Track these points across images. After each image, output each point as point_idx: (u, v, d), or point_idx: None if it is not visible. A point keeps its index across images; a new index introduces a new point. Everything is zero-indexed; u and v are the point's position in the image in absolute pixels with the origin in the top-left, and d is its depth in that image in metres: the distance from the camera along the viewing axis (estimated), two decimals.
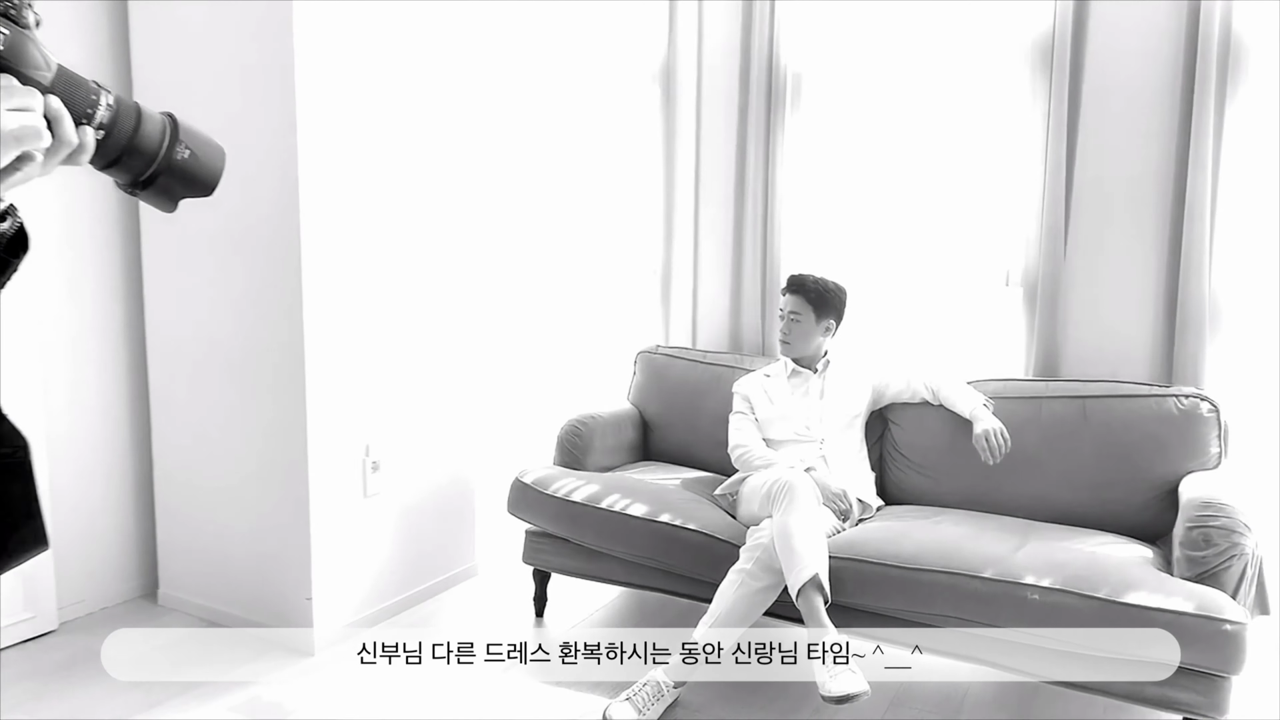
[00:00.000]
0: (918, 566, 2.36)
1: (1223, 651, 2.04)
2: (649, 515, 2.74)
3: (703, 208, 3.59)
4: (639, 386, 3.51)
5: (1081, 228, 2.95)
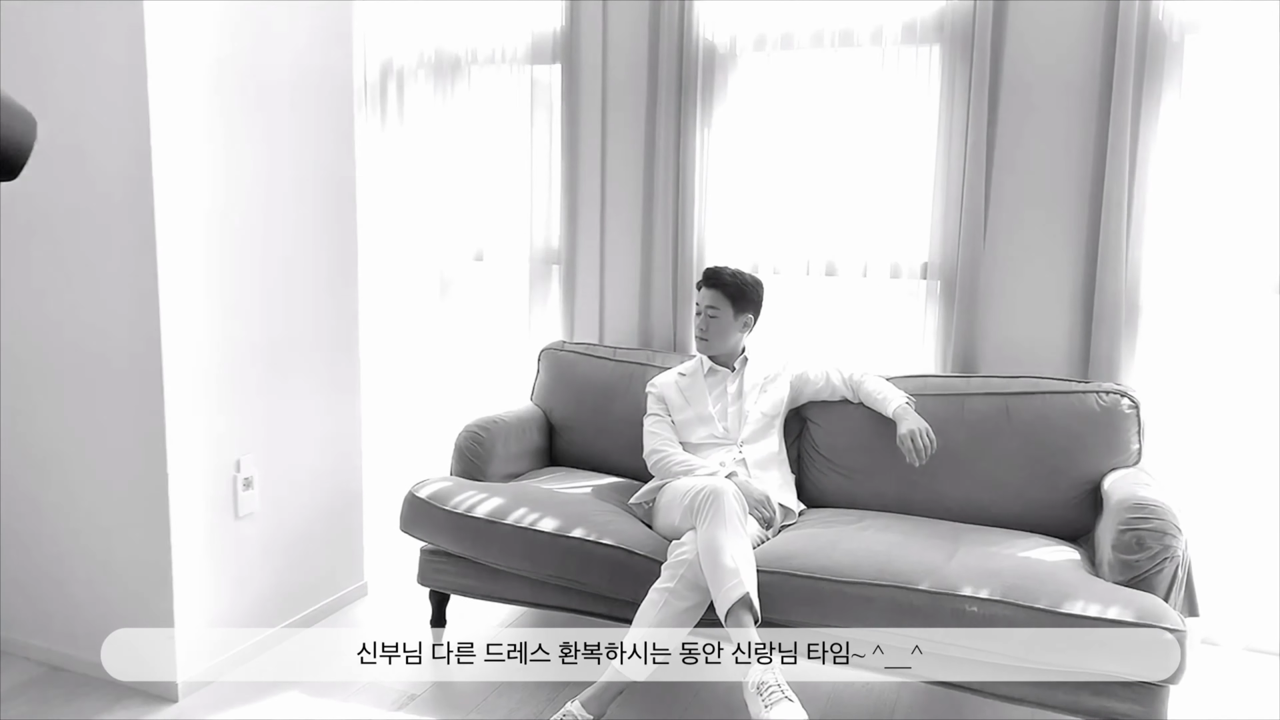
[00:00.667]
0: (852, 579, 2.23)
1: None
2: (560, 530, 2.51)
3: (610, 195, 3.37)
4: (543, 386, 3.27)
5: (1001, 220, 2.88)
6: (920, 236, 3.00)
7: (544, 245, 3.49)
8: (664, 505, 2.57)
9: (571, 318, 3.46)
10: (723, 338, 2.80)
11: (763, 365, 2.87)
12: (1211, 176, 2.66)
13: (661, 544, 2.47)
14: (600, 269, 3.41)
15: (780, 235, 3.16)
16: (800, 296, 3.17)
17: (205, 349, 2.46)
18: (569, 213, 3.41)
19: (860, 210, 3.04)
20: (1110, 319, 2.74)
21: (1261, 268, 2.64)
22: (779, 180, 3.14)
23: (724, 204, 3.23)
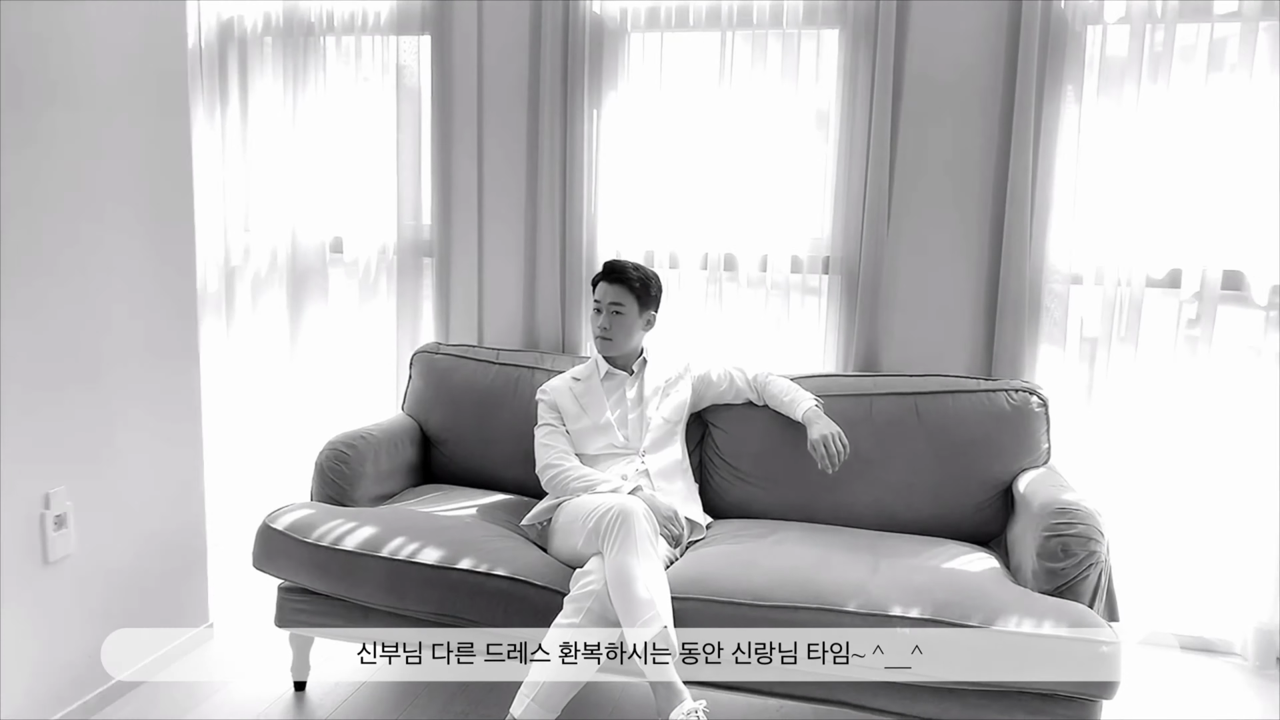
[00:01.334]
0: (775, 602, 2.04)
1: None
2: (445, 562, 2.21)
3: (488, 180, 3.07)
4: (417, 394, 2.93)
5: (904, 212, 2.77)
6: (822, 229, 2.85)
7: (413, 235, 3.14)
8: (562, 527, 2.31)
9: (447, 316, 3.14)
10: (627, 337, 2.56)
11: (663, 367, 2.65)
12: (1115, 169, 2.62)
13: (562, 571, 2.21)
14: (478, 262, 3.10)
15: (677, 226, 2.94)
16: (698, 291, 2.96)
17: (3, 364, 2.01)
18: (441, 199, 3.08)
19: (760, 201, 2.86)
20: (1014, 315, 2.68)
21: (1161, 261, 2.63)
22: (675, 168, 2.93)
23: (616, 192, 2.98)
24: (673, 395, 2.62)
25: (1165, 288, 2.65)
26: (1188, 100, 2.56)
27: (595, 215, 2.98)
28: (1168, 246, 2.62)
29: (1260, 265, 2.56)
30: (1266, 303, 2.57)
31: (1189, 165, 2.57)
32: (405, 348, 3.13)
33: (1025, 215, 2.64)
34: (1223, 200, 2.56)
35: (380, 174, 3.16)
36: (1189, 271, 2.61)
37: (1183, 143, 2.57)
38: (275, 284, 3.30)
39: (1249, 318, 2.62)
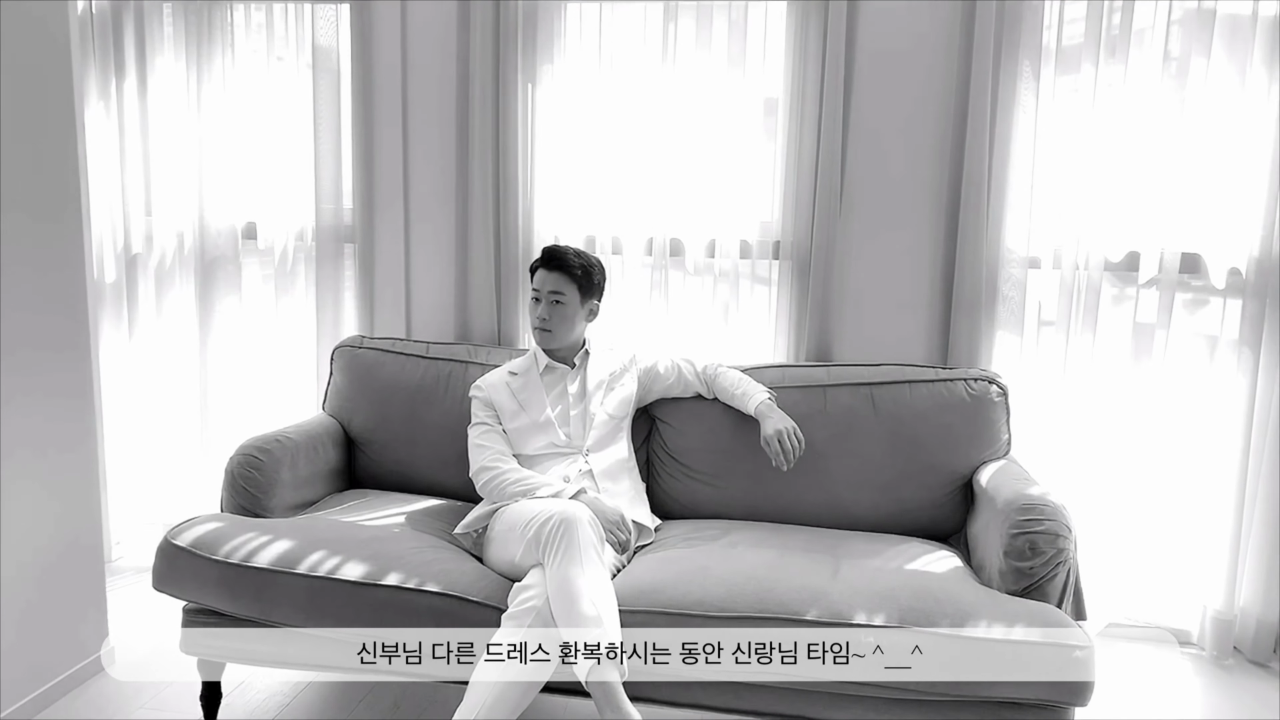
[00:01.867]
0: (732, 613, 1.89)
1: (1072, 682, 1.79)
2: (369, 578, 2.01)
3: (415, 159, 2.85)
4: (339, 392, 2.70)
5: (857, 195, 2.65)
6: (771, 213, 2.71)
7: (333, 219, 2.90)
8: (499, 535, 2.12)
9: (371, 307, 2.91)
10: (568, 328, 2.38)
11: (606, 359, 2.48)
12: (1074, 148, 2.53)
13: (500, 584, 2.03)
14: (405, 248, 2.88)
15: (620, 209, 2.76)
16: (643, 278, 2.79)
17: None
18: (363, 180, 2.85)
19: (707, 183, 2.70)
20: (971, 301, 2.58)
21: (1119, 244, 2.55)
22: (617, 147, 2.75)
23: (555, 173, 2.79)
24: (617, 389, 2.45)
25: (1123, 271, 2.57)
26: (1146, 79, 2.47)
27: (532, 197, 2.79)
28: (1125, 229, 2.54)
29: (1218, 248, 2.49)
30: (1225, 285, 2.50)
31: (1148, 145, 2.49)
32: (327, 342, 2.90)
33: (982, 197, 2.53)
34: (1181, 182, 2.48)
35: (296, 152, 2.91)
36: (1147, 254, 2.53)
37: (1142, 122, 2.49)
38: (182, 273, 3.03)
39: (1207, 301, 2.56)
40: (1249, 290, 2.47)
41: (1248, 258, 2.47)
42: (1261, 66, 2.41)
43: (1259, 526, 2.52)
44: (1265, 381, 2.48)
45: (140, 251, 3.04)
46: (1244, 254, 2.48)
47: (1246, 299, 2.48)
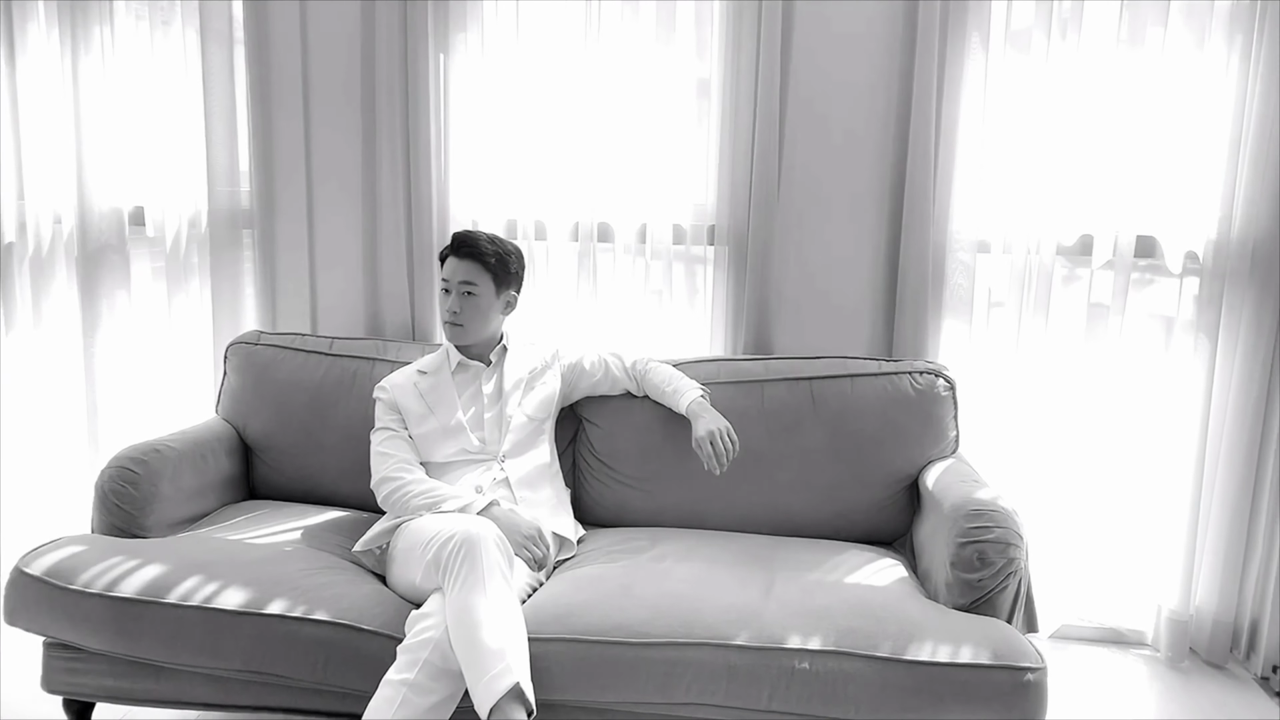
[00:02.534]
0: (654, 639, 1.71)
1: (1024, 706, 1.64)
2: (250, 606, 1.79)
3: (317, 137, 2.60)
4: (234, 394, 2.46)
5: (796, 175, 2.46)
6: (706, 194, 2.51)
7: (229, 203, 2.65)
8: (401, 554, 1.92)
9: (273, 300, 2.67)
10: (482, 322, 2.16)
11: (526, 356, 2.27)
12: (1024, 125, 2.37)
13: (400, 609, 1.83)
14: (309, 234, 2.64)
15: (543, 192, 2.55)
16: (568, 266, 2.58)
17: None
18: (261, 161, 2.60)
19: (638, 162, 2.50)
20: (916, 287, 2.41)
21: (1072, 227, 2.40)
22: (540, 124, 2.53)
23: (471, 151, 2.56)
24: (538, 389, 2.25)
25: (1076, 255, 2.43)
26: (1100, 52, 2.32)
27: (447, 178, 2.56)
28: (1079, 211, 2.39)
29: (1174, 230, 2.35)
30: (1181, 269, 2.37)
31: (1102, 123, 2.34)
32: (224, 338, 2.65)
33: (929, 179, 2.36)
34: (1136, 162, 2.33)
35: (186, 130, 2.65)
36: (1101, 238, 2.38)
37: (1095, 98, 2.34)
38: (61, 263, 2.75)
39: (1163, 286, 2.43)
40: (1206, 274, 2.34)
41: (1204, 240, 2.34)
42: (1220, 37, 2.27)
43: (1216, 522, 2.41)
44: (1222, 369, 2.36)
45: (13, 241, 2.76)
46: (1201, 237, 2.34)
47: (1203, 283, 2.35)
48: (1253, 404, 2.33)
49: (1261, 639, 2.39)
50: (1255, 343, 2.32)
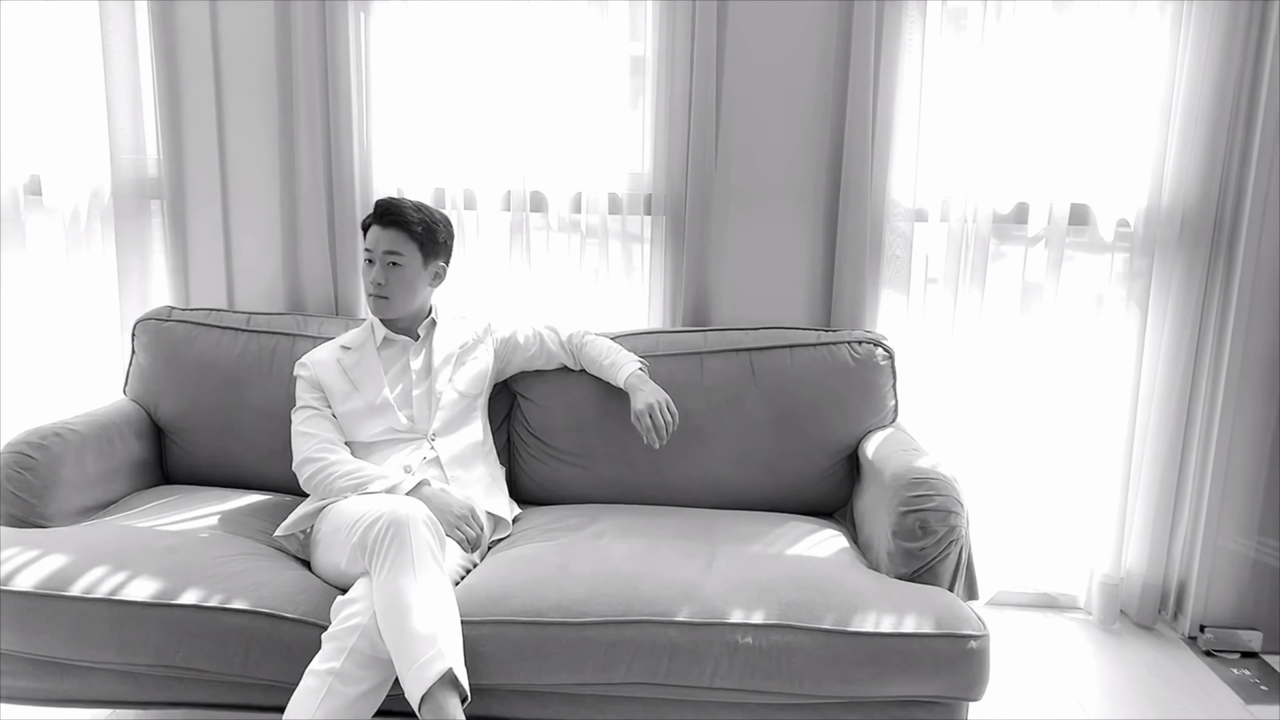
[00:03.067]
0: (591, 618, 1.65)
1: (967, 674, 1.63)
2: (162, 597, 1.68)
3: (229, 101, 2.45)
4: (143, 373, 2.32)
5: (733, 142, 2.41)
6: (642, 163, 2.44)
7: (134, 172, 2.48)
8: (325, 538, 1.82)
9: (185, 274, 2.52)
10: (408, 294, 2.06)
11: (456, 330, 2.18)
12: (962, 92, 2.35)
13: (325, 595, 1.74)
14: (223, 204, 2.49)
15: (472, 158, 2.44)
16: (500, 236, 2.49)
17: None
18: (170, 126, 2.44)
19: (572, 129, 2.41)
20: (855, 256, 2.38)
21: (1008, 195, 2.40)
22: (469, 87, 2.42)
23: (395, 116, 2.44)
24: (469, 364, 2.16)
25: (1011, 223, 2.42)
26: (1033, 21, 2.31)
27: (369, 144, 2.44)
28: (1014, 179, 2.38)
29: (1107, 198, 2.37)
30: (1113, 238, 2.39)
31: (1037, 86, 2.34)
32: (133, 315, 2.50)
33: (867, 147, 2.33)
34: (1071, 127, 2.34)
35: (86, 94, 2.47)
36: (1036, 206, 2.38)
37: (1030, 61, 2.33)
38: None
39: (1095, 255, 2.44)
40: (1137, 242, 2.36)
41: (1136, 208, 2.36)
42: (1152, 1, 2.28)
43: (1145, 487, 2.45)
44: (1152, 337, 2.39)
45: None
46: (1132, 204, 2.36)
47: (1133, 251, 2.37)
48: (1180, 370, 2.37)
49: (1188, 600, 2.45)
50: (1183, 311, 2.35)
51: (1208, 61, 2.23)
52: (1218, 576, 2.42)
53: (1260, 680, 2.26)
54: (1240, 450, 2.37)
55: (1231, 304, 2.32)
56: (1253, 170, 2.26)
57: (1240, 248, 2.29)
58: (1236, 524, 2.40)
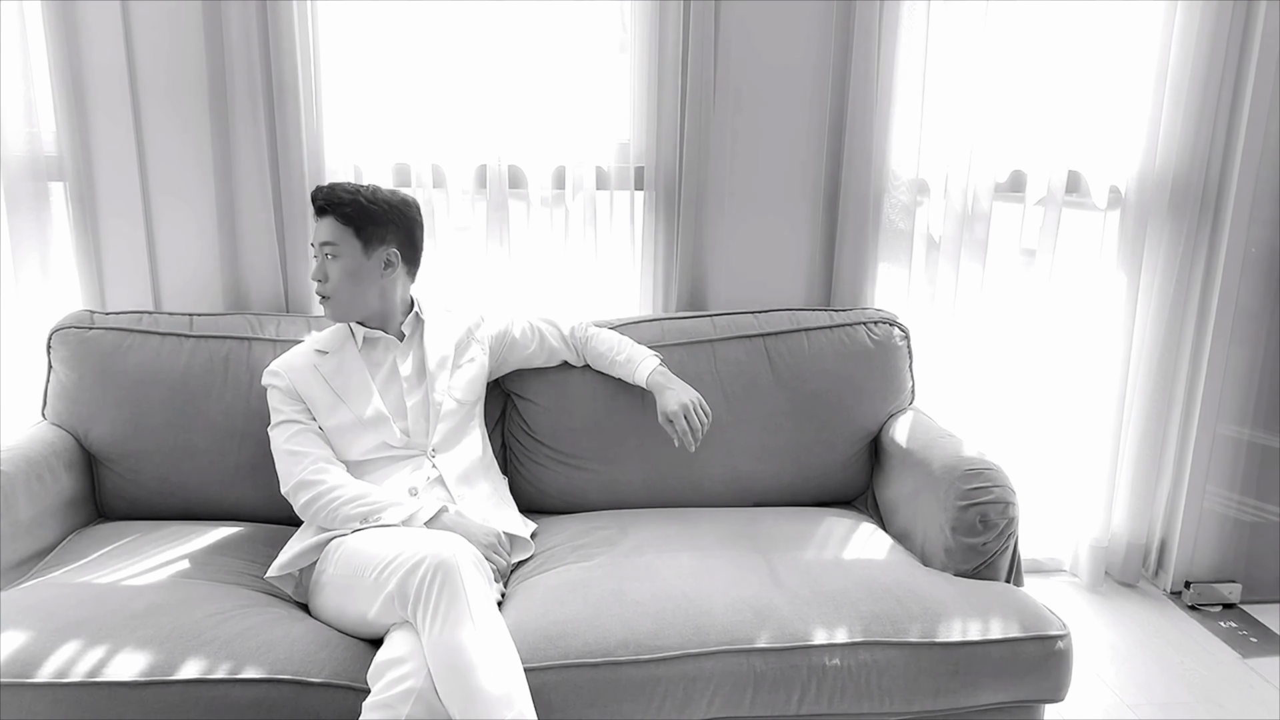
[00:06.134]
0: (665, 653, 1.50)
1: (1055, 676, 1.58)
2: (154, 673, 1.40)
3: (144, 65, 2.07)
4: (65, 392, 1.95)
5: (729, 109, 2.23)
6: (632, 133, 2.24)
7: (27, 149, 2.07)
8: (338, 581, 1.58)
9: (98, 271, 2.14)
10: (354, 290, 1.78)
11: (447, 325, 1.93)
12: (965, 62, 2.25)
13: (347, 649, 1.50)
14: (141, 186, 2.12)
15: (440, 130, 2.17)
16: (476, 218, 2.24)
17: None
18: (68, 94, 2.04)
19: (552, 95, 2.17)
20: (856, 230, 2.28)
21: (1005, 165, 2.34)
22: (434, 49, 2.13)
23: (348, 80, 2.13)
24: (465, 366, 1.92)
25: (1008, 192, 2.37)
26: None
27: (319, 114, 2.12)
28: (1012, 147, 2.33)
29: (1100, 164, 2.35)
30: (1106, 204, 2.37)
31: (1036, 52, 2.27)
32: (36, 322, 2.10)
33: (870, 115, 2.20)
34: (1066, 92, 2.29)
35: None
36: (1033, 174, 2.34)
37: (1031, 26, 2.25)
38: None
39: (1088, 222, 2.43)
40: (1129, 209, 2.36)
41: (1128, 175, 2.35)
42: None
43: (1131, 449, 2.49)
44: (1144, 301, 2.40)
45: None
46: (1124, 171, 2.35)
47: (1124, 218, 2.37)
48: (1166, 331, 2.40)
49: (1171, 557, 2.53)
50: (1170, 274, 2.37)
51: (1200, 28, 2.22)
52: (1200, 533, 2.50)
53: (1249, 632, 2.35)
54: (1225, 410, 2.43)
55: (1219, 266, 2.36)
56: (1241, 135, 2.28)
57: (1228, 212, 2.33)
58: (1220, 483, 2.47)
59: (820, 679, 1.51)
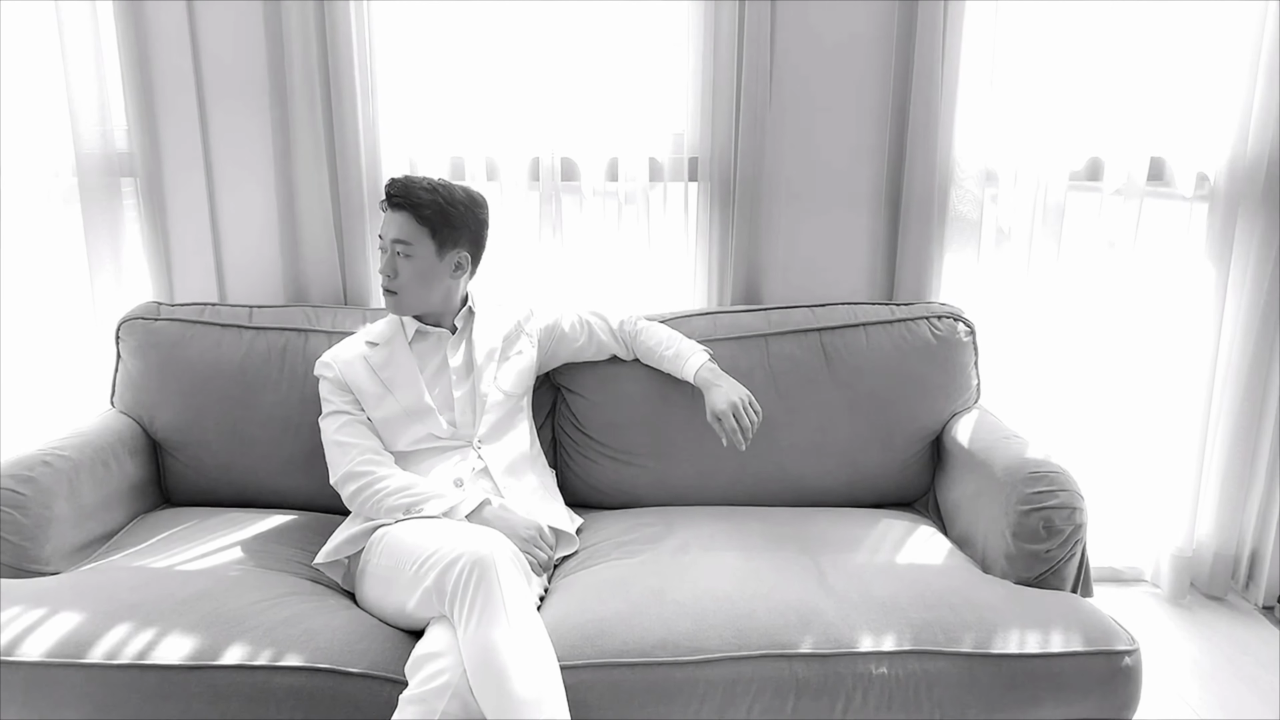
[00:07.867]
0: (705, 655, 1.46)
1: (1122, 693, 1.49)
2: (200, 657, 1.43)
3: (209, 65, 2.13)
4: (133, 381, 2.02)
5: (786, 100, 2.17)
6: (687, 123, 2.19)
7: (101, 147, 2.15)
8: (382, 572, 1.59)
9: (167, 264, 2.21)
10: (423, 289, 1.79)
11: (497, 320, 1.93)
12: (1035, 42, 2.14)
13: (387, 640, 1.51)
14: (208, 182, 2.18)
15: (494, 123, 2.16)
16: (529, 211, 2.23)
17: None
18: (139, 94, 2.11)
19: (606, 87, 2.15)
20: (921, 222, 2.19)
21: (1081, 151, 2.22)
22: (488, 42, 2.13)
23: (404, 76, 2.15)
24: (513, 359, 1.91)
25: (1084, 180, 2.25)
26: None
27: (375, 108, 2.14)
28: (1088, 133, 2.20)
29: (1186, 152, 2.20)
30: (1193, 194, 2.23)
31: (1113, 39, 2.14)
32: (109, 312, 2.18)
33: (935, 104, 2.11)
34: (1150, 75, 2.16)
35: (38, 60, 2.11)
36: (1112, 163, 2.21)
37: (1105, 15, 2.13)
38: None
39: (1174, 211, 2.28)
40: (1218, 198, 2.20)
41: (1217, 162, 2.20)
42: None
43: (1219, 454, 2.33)
44: (1233, 298, 2.25)
45: None
46: (1213, 158, 2.20)
47: (1213, 208, 2.22)
48: (1257, 330, 2.24)
49: (1263, 570, 2.36)
50: (1261, 271, 2.21)
51: None
52: None
53: None
54: None
55: None
56: None
57: None
58: None
59: (866, 688, 1.45)
